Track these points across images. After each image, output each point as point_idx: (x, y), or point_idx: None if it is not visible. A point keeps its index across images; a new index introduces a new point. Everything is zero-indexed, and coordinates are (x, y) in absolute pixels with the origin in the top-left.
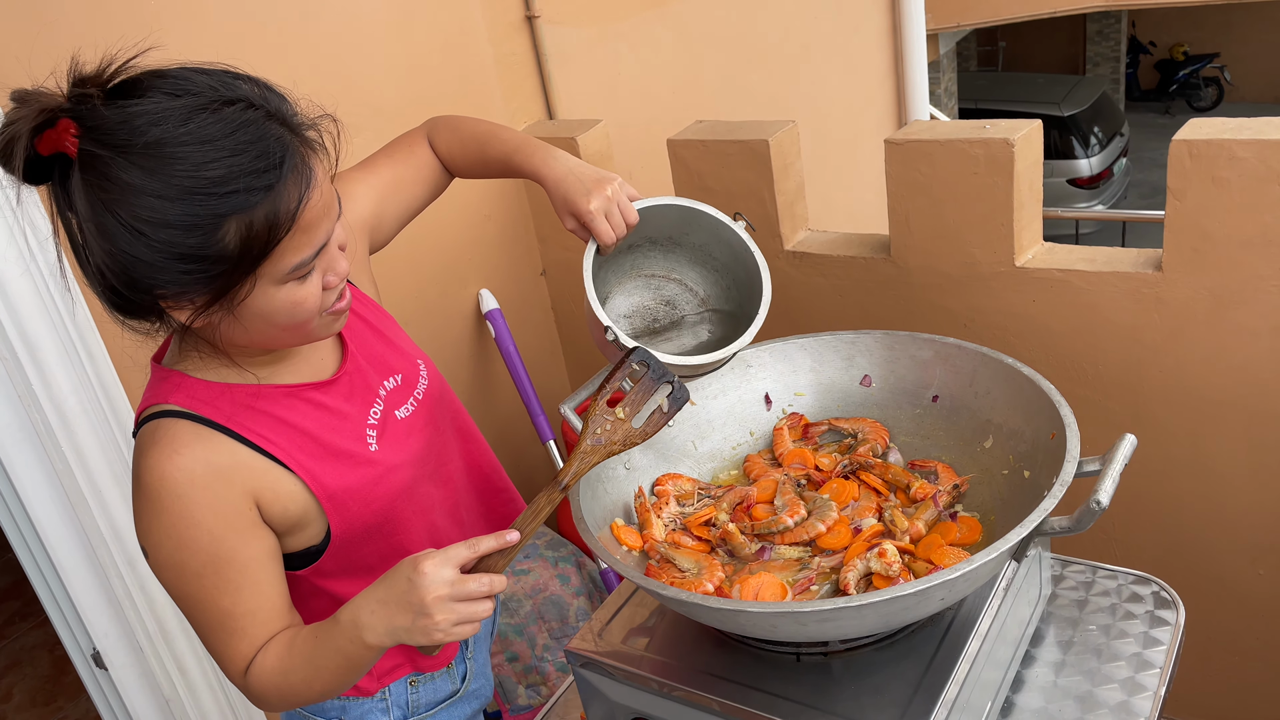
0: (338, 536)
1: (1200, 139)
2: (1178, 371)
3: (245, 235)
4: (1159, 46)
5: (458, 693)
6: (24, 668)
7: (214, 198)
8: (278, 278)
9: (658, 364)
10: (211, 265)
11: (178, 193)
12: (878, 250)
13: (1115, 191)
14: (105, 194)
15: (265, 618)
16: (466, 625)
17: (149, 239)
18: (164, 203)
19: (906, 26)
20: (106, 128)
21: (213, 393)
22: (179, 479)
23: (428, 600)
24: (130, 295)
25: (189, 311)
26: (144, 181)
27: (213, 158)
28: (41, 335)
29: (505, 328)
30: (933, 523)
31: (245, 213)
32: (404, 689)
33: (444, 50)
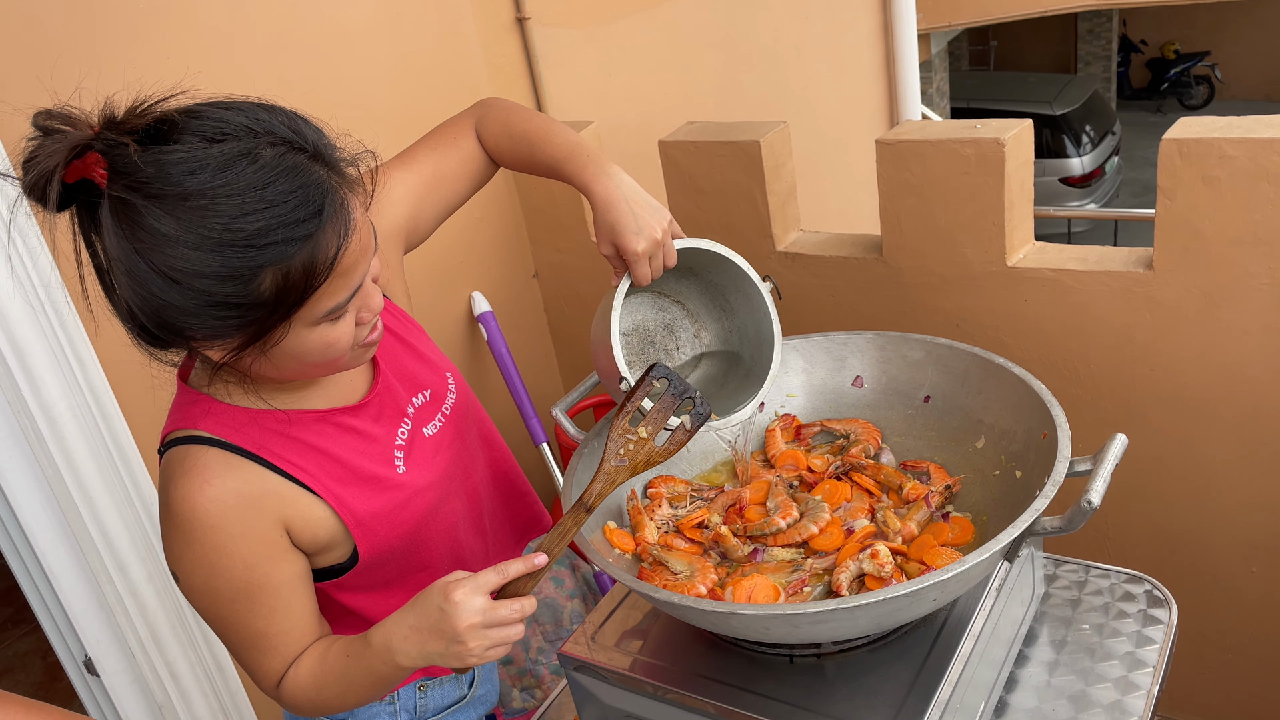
0: (365, 559)
1: (1190, 138)
2: (1169, 370)
3: (282, 284)
4: (1150, 45)
5: (464, 698)
6: (16, 675)
7: (252, 250)
8: (312, 321)
9: (679, 381)
10: (246, 312)
11: (214, 245)
12: (869, 250)
13: (1107, 190)
14: (137, 241)
15: (298, 635)
16: (499, 649)
17: (183, 287)
18: (199, 254)
19: (898, 26)
20: (141, 176)
21: (241, 419)
22: (211, 509)
23: (460, 629)
24: (160, 334)
25: (221, 351)
26: (179, 233)
27: (251, 209)
28: (30, 341)
29: (498, 330)
30: (925, 523)
31: (283, 263)
32: (412, 693)
33: (435, 52)
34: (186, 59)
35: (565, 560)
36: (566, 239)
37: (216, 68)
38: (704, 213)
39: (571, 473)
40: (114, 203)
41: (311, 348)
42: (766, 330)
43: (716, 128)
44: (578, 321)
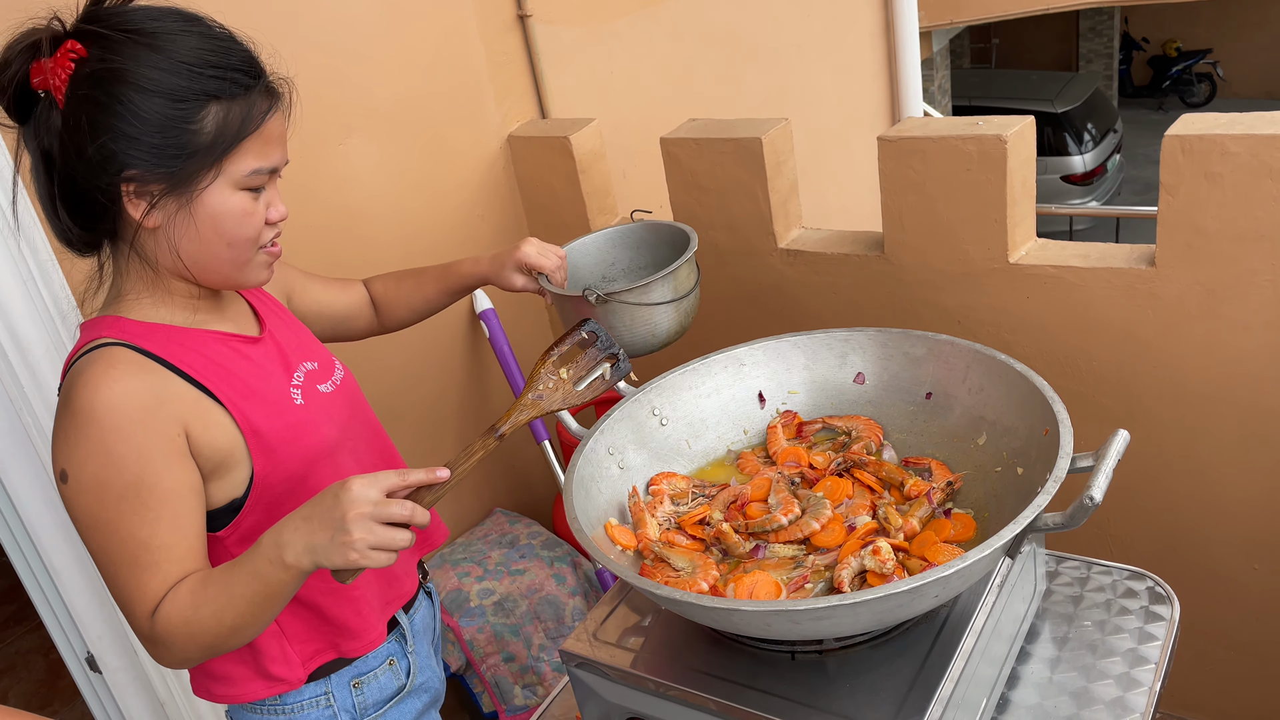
0: (259, 481)
1: (1193, 134)
2: (1171, 367)
3: (220, 123)
4: (1152, 43)
5: (404, 688)
6: (18, 672)
7: (204, 78)
8: (235, 179)
9: (606, 337)
10: (185, 145)
11: (175, 66)
12: (871, 248)
13: (1109, 188)
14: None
15: (181, 554)
16: (382, 553)
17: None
18: (163, 74)
19: (899, 24)
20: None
21: (147, 329)
22: (115, 395)
23: (349, 516)
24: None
25: (145, 206)
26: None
27: (210, 48)
28: (32, 337)
29: (499, 327)
30: (927, 520)
31: (225, 101)
32: (348, 692)
33: (436, 50)
34: None
35: (567, 558)
36: (567, 236)
37: None
38: (706, 209)
39: (572, 469)
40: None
41: (229, 212)
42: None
43: (718, 125)
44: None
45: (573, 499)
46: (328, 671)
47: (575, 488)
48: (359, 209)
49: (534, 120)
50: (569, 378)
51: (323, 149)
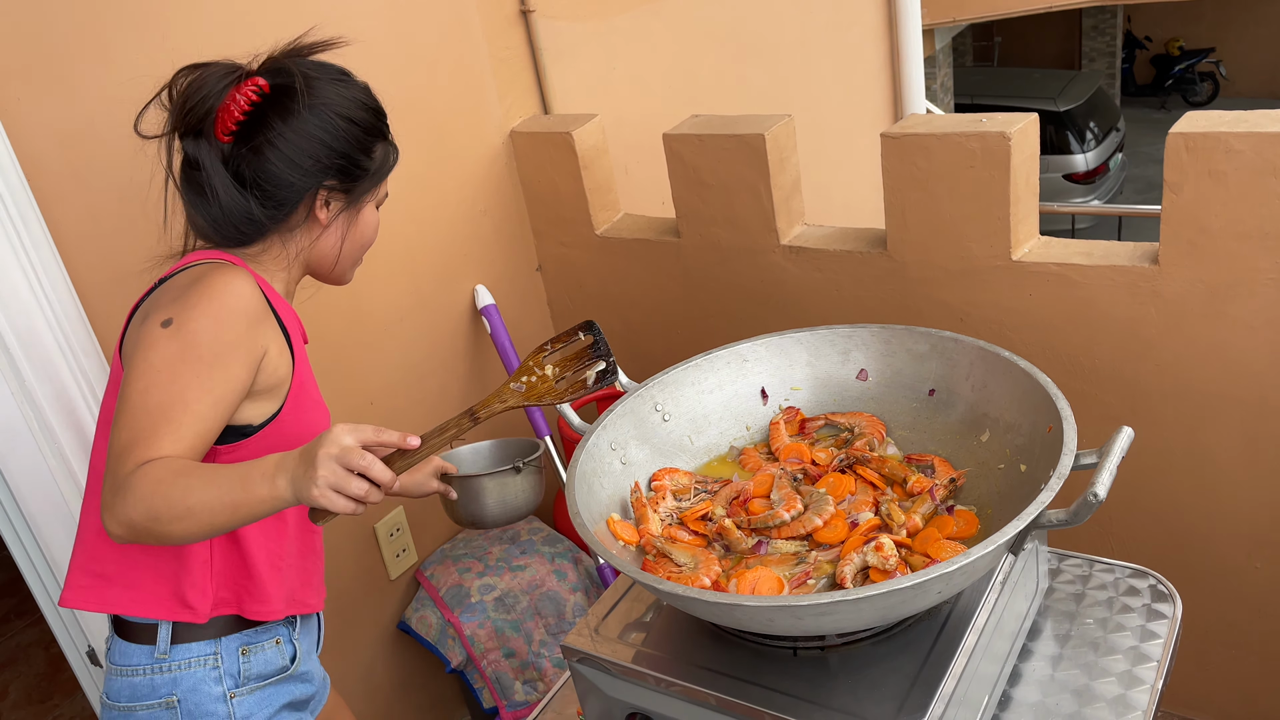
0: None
1: (1197, 132)
2: (1174, 365)
3: (382, 158)
4: (1155, 41)
5: (287, 670)
6: (19, 665)
7: (379, 119)
8: (378, 198)
9: (604, 342)
10: (365, 168)
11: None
12: (874, 245)
13: (1111, 187)
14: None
15: (200, 430)
16: (340, 497)
17: (340, 129)
18: (353, 106)
19: (902, 21)
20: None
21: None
22: (242, 292)
23: (319, 454)
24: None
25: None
26: (341, 90)
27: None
28: (37, 331)
29: (501, 323)
30: (929, 516)
31: (385, 142)
32: (235, 657)
33: (438, 45)
34: (191, 49)
35: (568, 554)
36: (570, 233)
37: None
38: (708, 206)
39: (574, 465)
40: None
41: (370, 222)
42: None
43: (721, 121)
44: (581, 315)
45: (575, 494)
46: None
47: (577, 483)
48: None
49: (536, 116)
50: (552, 375)
51: None
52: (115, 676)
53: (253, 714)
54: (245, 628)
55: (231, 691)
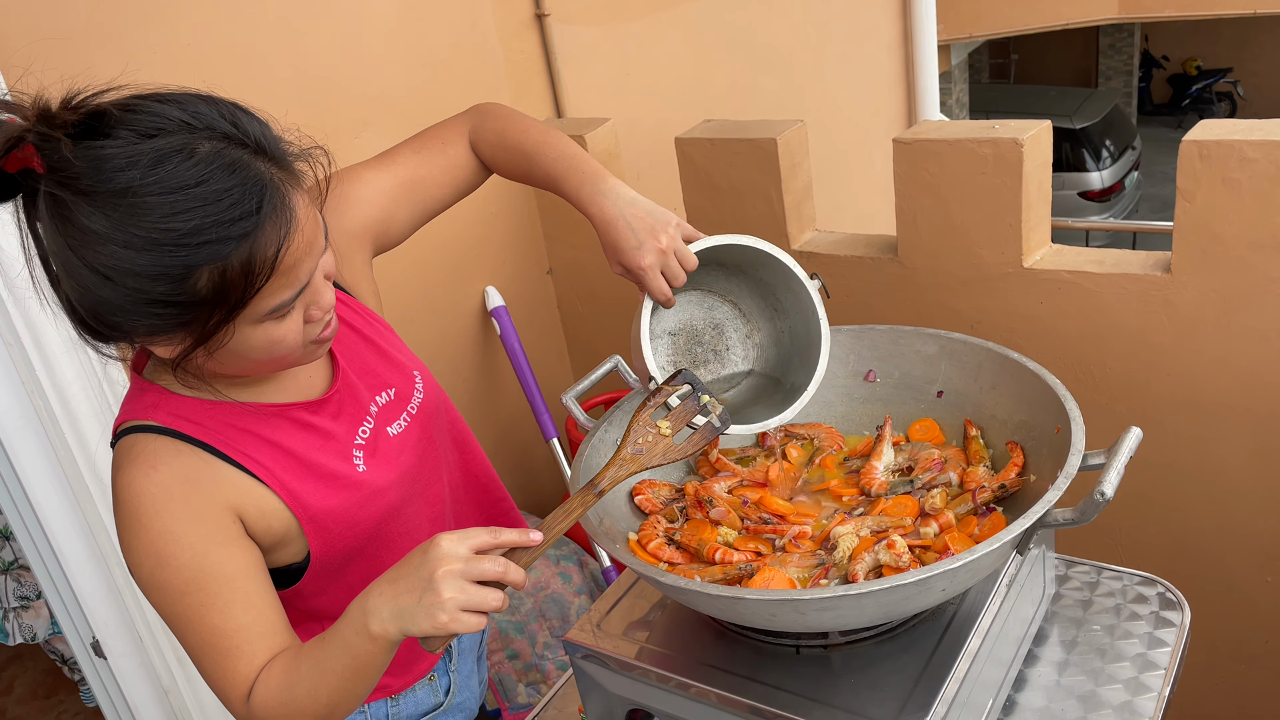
0: (317, 558)
1: (1211, 139)
2: (1186, 375)
3: (219, 283)
4: (1172, 61)
5: (440, 706)
6: (25, 661)
7: (184, 250)
8: (255, 319)
9: (703, 387)
10: (185, 311)
11: (145, 244)
12: (885, 250)
13: (1126, 205)
14: (70, 237)
15: (261, 631)
16: (473, 615)
17: (115, 284)
18: (130, 253)
19: (918, 34)
20: (72, 171)
21: (194, 409)
22: (157, 494)
23: (437, 574)
24: (100, 330)
25: (168, 349)
26: (110, 230)
27: (183, 208)
28: (45, 321)
29: (510, 325)
30: (963, 516)
31: (219, 262)
32: (383, 706)
33: (453, 47)
34: (206, 49)
35: (574, 556)
36: (581, 236)
37: (236, 59)
38: (720, 211)
39: (579, 459)
40: (47, 197)
41: (256, 344)
42: (815, 331)
43: (733, 125)
44: (591, 318)
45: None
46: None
47: (582, 478)
48: None
49: (550, 119)
50: (669, 432)
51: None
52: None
53: None
54: None
55: None
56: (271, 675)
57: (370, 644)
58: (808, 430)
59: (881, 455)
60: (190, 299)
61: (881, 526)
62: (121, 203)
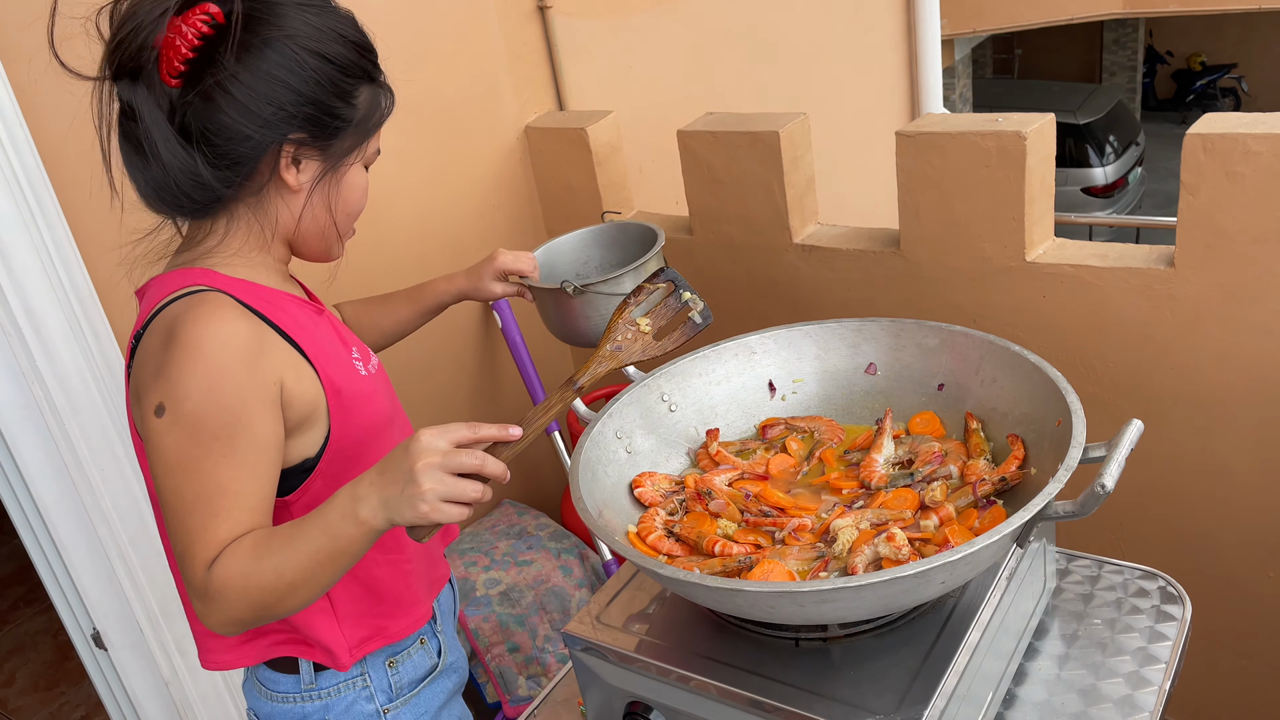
0: (334, 441)
1: (1215, 133)
2: (1189, 369)
3: (368, 105)
4: (1176, 56)
5: (436, 667)
6: (27, 653)
7: (361, 55)
8: (366, 157)
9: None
10: (344, 119)
11: (335, 39)
12: (887, 244)
13: (1130, 201)
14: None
15: (253, 505)
16: (454, 506)
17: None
18: (328, 39)
19: (921, 28)
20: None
21: (238, 285)
22: (224, 334)
23: (418, 466)
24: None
25: (295, 174)
26: (313, 19)
27: (356, 30)
28: (46, 311)
29: (512, 317)
30: (963, 509)
31: (372, 85)
32: (384, 672)
33: (455, 40)
34: None
35: (574, 550)
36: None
37: None
38: (721, 203)
39: (579, 451)
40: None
41: (358, 185)
42: None
43: (735, 118)
44: None
45: (579, 480)
46: None
47: (582, 470)
48: (375, 194)
49: (551, 112)
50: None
51: None
52: (264, 700)
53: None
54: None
55: (385, 707)
56: (241, 546)
57: (355, 529)
58: (807, 423)
59: (881, 448)
60: (348, 106)
61: (881, 519)
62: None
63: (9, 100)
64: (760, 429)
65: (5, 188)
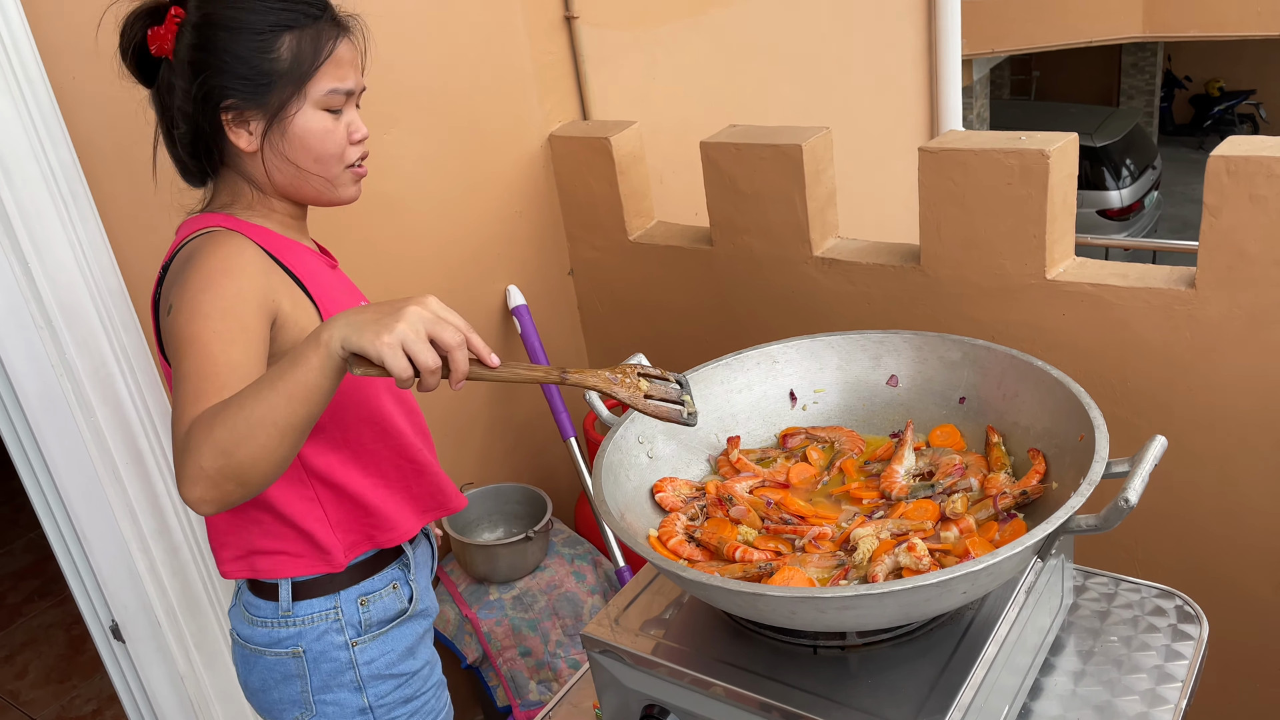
0: None
1: (1239, 155)
2: (1208, 390)
3: (295, 50)
4: (1194, 81)
5: (406, 611)
6: (39, 645)
7: (276, 11)
8: (316, 100)
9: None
10: (269, 73)
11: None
12: (907, 259)
13: (1146, 224)
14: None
15: (244, 377)
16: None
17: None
18: (241, 12)
19: (941, 48)
20: None
21: (253, 229)
22: (235, 250)
23: (407, 308)
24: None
25: (246, 136)
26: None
27: None
28: (77, 305)
29: (531, 324)
30: (983, 522)
31: (297, 30)
32: (355, 608)
33: (483, 47)
34: None
35: (588, 556)
36: (602, 238)
37: None
38: (743, 215)
39: (600, 456)
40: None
41: (314, 130)
42: None
43: (759, 131)
44: (610, 319)
45: (601, 483)
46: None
47: (604, 473)
48: (399, 198)
49: (575, 121)
50: (645, 389)
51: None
52: (246, 623)
53: (375, 659)
54: (363, 578)
55: (354, 640)
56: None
57: (314, 352)
58: (828, 433)
59: (902, 459)
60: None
61: (902, 529)
62: None
63: (48, 98)
64: (781, 438)
65: (43, 182)
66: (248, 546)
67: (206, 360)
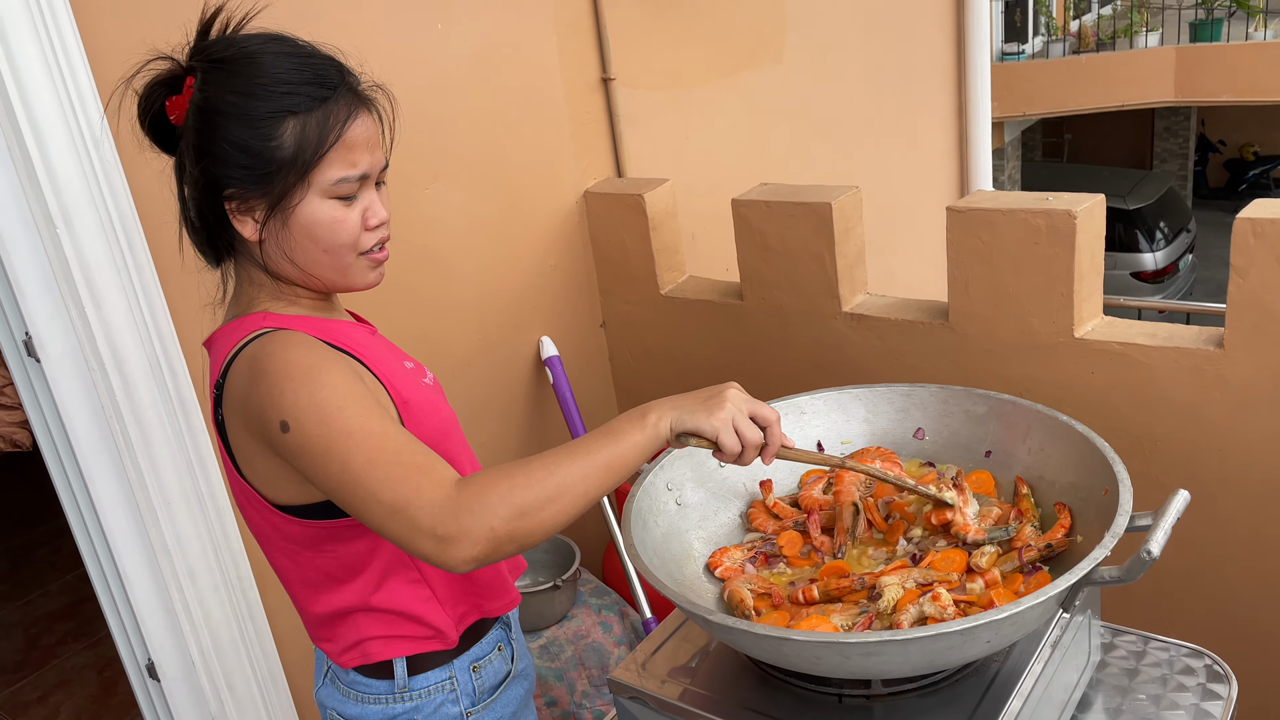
0: None
1: (1265, 218)
2: (1238, 451)
3: (299, 137)
4: (1229, 145)
5: (510, 673)
6: (72, 687)
7: (277, 95)
8: (324, 189)
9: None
10: (269, 161)
11: (251, 88)
12: (935, 315)
13: (1181, 287)
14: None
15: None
16: (733, 435)
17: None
18: (240, 97)
19: (972, 109)
20: (215, 48)
21: (296, 320)
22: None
23: (728, 394)
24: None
25: (251, 225)
26: (230, 81)
27: (284, 66)
28: (130, 349)
29: (563, 375)
30: (1008, 574)
31: (301, 115)
32: (469, 676)
33: (523, 105)
34: None
35: (615, 607)
36: (635, 291)
37: None
38: (773, 270)
39: (630, 501)
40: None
41: (321, 220)
42: None
43: (789, 189)
44: (641, 372)
45: (630, 528)
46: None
47: (633, 519)
48: (440, 250)
49: (610, 178)
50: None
51: (410, 192)
52: (354, 702)
53: None
54: (472, 644)
55: (469, 710)
56: (491, 470)
57: (639, 431)
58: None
59: (969, 503)
60: (276, 149)
61: (927, 580)
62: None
63: (110, 150)
64: (803, 479)
65: (100, 232)
66: (358, 636)
67: (378, 439)
